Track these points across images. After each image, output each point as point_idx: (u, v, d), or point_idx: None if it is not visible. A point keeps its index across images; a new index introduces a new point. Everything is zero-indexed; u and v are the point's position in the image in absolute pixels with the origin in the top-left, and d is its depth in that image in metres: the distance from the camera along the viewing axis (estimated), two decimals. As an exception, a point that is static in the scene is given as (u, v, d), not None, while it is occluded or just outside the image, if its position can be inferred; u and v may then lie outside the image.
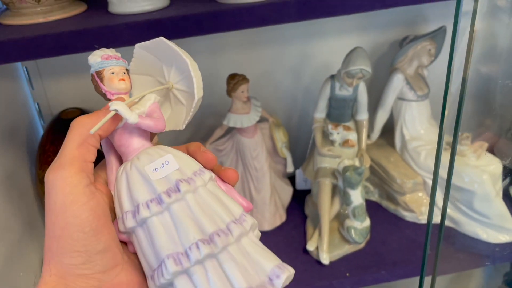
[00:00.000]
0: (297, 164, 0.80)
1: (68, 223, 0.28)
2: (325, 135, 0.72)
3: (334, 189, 0.71)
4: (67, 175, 0.28)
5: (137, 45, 0.35)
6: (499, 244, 0.69)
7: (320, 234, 0.69)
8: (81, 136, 0.30)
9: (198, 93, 0.33)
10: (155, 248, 0.29)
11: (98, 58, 0.32)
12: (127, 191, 0.31)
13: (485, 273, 1.04)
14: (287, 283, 0.28)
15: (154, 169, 0.30)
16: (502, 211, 0.68)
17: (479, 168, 0.69)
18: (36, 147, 0.72)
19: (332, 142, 0.71)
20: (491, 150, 0.74)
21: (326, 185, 0.70)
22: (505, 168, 0.72)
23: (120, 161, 0.34)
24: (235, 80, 0.67)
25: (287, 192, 0.79)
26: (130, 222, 0.30)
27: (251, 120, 0.69)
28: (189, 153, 0.33)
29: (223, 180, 0.33)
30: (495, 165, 0.69)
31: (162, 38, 0.33)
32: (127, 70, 0.33)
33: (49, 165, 0.67)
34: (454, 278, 1.05)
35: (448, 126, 0.84)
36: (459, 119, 0.40)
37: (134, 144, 0.32)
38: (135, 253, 0.32)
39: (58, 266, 0.28)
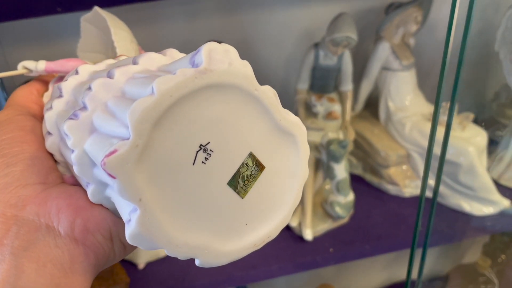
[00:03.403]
0: (278, 137, 0.77)
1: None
2: (308, 107, 0.69)
3: (317, 163, 0.69)
4: (3, 110, 0.26)
5: (82, 18, 0.33)
6: (483, 216, 0.68)
7: (302, 210, 0.67)
8: (19, 91, 0.28)
9: (118, 46, 0.31)
10: (61, 129, 0.22)
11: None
12: None
13: (464, 244, 1.05)
14: (221, 57, 0.19)
15: (64, 80, 0.27)
16: (487, 183, 0.67)
17: (464, 140, 0.67)
18: (-1, 121, 0.67)
19: (315, 115, 0.68)
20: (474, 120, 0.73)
21: (309, 159, 0.67)
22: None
23: None
24: (213, 48, 0.62)
25: (268, 167, 0.77)
26: (47, 141, 0.24)
27: (230, 91, 0.65)
28: None
29: None
30: (481, 137, 0.68)
31: (95, 7, 0.31)
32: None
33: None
34: (434, 251, 1.06)
35: (434, 97, 0.82)
36: (456, 89, 0.37)
37: None
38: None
39: None
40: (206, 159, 0.19)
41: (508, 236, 0.95)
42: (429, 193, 0.73)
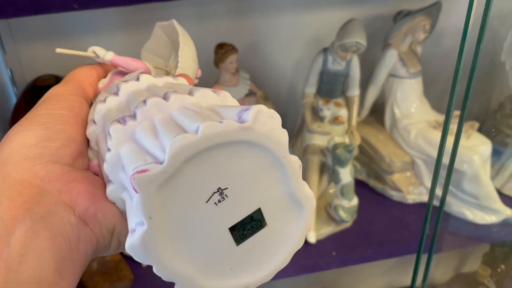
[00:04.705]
0: (284, 140, 0.78)
1: (44, 101, 0.26)
2: (315, 111, 0.70)
3: (322, 166, 0.69)
4: (60, 85, 0.28)
5: (143, 49, 0.35)
6: (485, 225, 0.69)
7: (307, 212, 0.68)
8: (80, 70, 0.30)
9: (184, 44, 0.32)
10: (106, 124, 0.24)
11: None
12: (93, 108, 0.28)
13: (464, 253, 1.05)
14: (268, 124, 0.20)
15: (124, 81, 0.28)
16: (490, 192, 0.67)
17: (469, 148, 0.68)
18: (8, 116, 0.67)
19: (321, 119, 0.68)
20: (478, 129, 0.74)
21: (314, 162, 0.68)
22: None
23: None
24: (223, 49, 0.63)
25: (273, 169, 0.77)
26: (89, 128, 0.26)
27: (239, 93, 0.66)
28: None
29: None
30: (485, 146, 0.69)
31: (173, 20, 0.33)
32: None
33: (23, 135, 0.63)
34: (434, 259, 1.06)
35: (440, 105, 0.83)
36: (467, 98, 0.38)
37: None
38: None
39: (5, 148, 0.23)
40: (219, 201, 0.20)
41: (508, 247, 0.96)
42: (435, 201, 0.73)
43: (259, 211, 0.21)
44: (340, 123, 0.68)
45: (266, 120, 0.20)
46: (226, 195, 0.20)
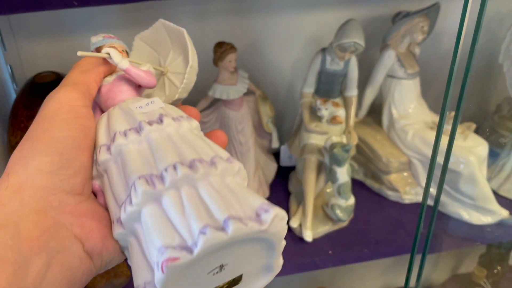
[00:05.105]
0: (281, 140, 0.78)
1: (54, 126, 0.25)
2: (313, 110, 0.70)
3: (320, 166, 0.70)
4: (68, 91, 0.27)
5: (137, 37, 0.35)
6: (481, 226, 0.69)
7: (303, 211, 0.68)
8: (88, 66, 0.29)
9: (193, 61, 0.33)
10: (127, 174, 0.25)
11: (100, 37, 0.32)
12: (105, 127, 0.28)
13: (460, 254, 1.06)
14: (279, 225, 0.23)
15: (138, 106, 0.28)
16: (486, 193, 0.68)
17: (466, 149, 0.68)
18: (8, 112, 0.67)
19: (319, 118, 0.69)
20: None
21: (312, 161, 0.68)
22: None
23: None
24: (222, 48, 0.64)
25: (271, 168, 0.78)
26: (103, 155, 0.26)
27: (238, 92, 0.66)
28: None
29: None
30: (482, 147, 0.69)
31: (161, 20, 0.33)
32: (127, 52, 0.33)
33: (22, 130, 0.63)
34: (430, 260, 1.06)
35: (437, 106, 0.83)
36: (462, 99, 0.38)
37: (122, 96, 0.31)
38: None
39: (20, 172, 0.24)
40: (217, 273, 0.23)
41: (504, 248, 0.96)
42: (428, 200, 0.74)
43: (241, 276, 0.25)
44: (338, 123, 0.68)
45: (278, 223, 0.23)
46: (224, 268, 0.24)
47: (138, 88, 0.32)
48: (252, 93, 0.73)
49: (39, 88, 0.65)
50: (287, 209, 0.73)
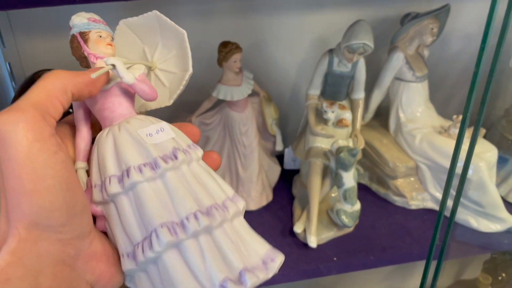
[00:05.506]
0: (285, 142, 0.77)
1: (40, 175, 0.23)
2: (319, 113, 0.68)
3: (325, 169, 0.68)
4: (29, 118, 0.23)
5: (122, 21, 0.33)
6: (490, 233, 0.68)
7: (308, 216, 0.66)
8: (53, 86, 0.25)
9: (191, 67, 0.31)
10: (145, 216, 0.25)
11: (85, 19, 0.30)
12: (113, 153, 0.27)
13: (465, 260, 1.04)
14: (279, 266, 0.27)
15: (148, 134, 0.27)
16: (495, 200, 0.66)
17: (475, 155, 0.66)
18: (6, 110, 0.66)
19: (325, 121, 0.67)
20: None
21: (317, 165, 0.67)
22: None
23: (91, 132, 0.30)
24: (227, 48, 0.62)
25: (274, 171, 0.76)
26: (114, 188, 0.26)
27: (242, 93, 0.65)
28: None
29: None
30: (491, 152, 0.67)
31: (156, 12, 0.31)
32: (112, 38, 0.31)
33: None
34: (434, 264, 1.05)
35: (444, 110, 0.82)
36: (485, 103, 0.36)
37: (122, 109, 0.29)
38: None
39: (31, 228, 0.23)
40: None
41: (510, 255, 0.94)
42: (435, 206, 0.72)
43: None
44: (344, 126, 0.66)
45: (279, 266, 0.27)
46: None
47: (134, 95, 0.31)
48: (256, 94, 0.71)
49: (38, 86, 0.63)
50: (290, 213, 0.72)
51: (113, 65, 0.28)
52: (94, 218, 0.28)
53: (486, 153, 0.67)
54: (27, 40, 0.68)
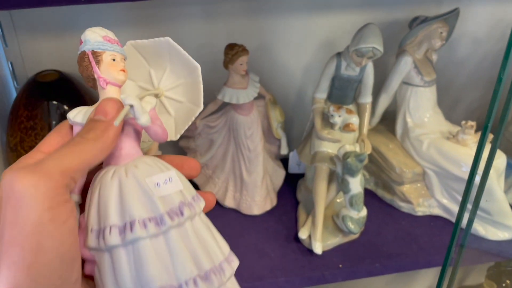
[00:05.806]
0: (290, 146, 0.75)
1: (43, 247, 0.21)
2: (325, 117, 0.67)
3: (331, 175, 0.67)
4: (53, 186, 0.22)
5: (130, 43, 0.30)
6: (497, 241, 0.67)
7: (313, 222, 0.65)
8: (90, 156, 0.25)
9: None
10: (144, 277, 0.25)
11: (100, 37, 0.28)
12: (118, 201, 0.25)
13: (469, 266, 1.03)
14: None
15: (156, 184, 0.26)
16: (504, 208, 0.65)
17: (483, 161, 0.65)
18: (7, 111, 0.65)
19: (332, 125, 0.66)
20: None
21: (323, 170, 0.66)
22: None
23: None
24: (234, 50, 0.61)
25: (279, 175, 0.75)
26: (114, 240, 0.25)
27: (248, 96, 0.64)
28: (174, 161, 0.30)
29: None
30: (500, 159, 0.66)
31: (168, 38, 0.29)
32: (125, 60, 0.29)
33: (21, 131, 0.60)
34: (436, 271, 1.04)
35: (452, 115, 0.81)
36: (507, 111, 0.35)
37: (129, 148, 0.28)
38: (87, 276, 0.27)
39: None
40: None
41: (514, 261, 0.94)
42: (442, 213, 0.71)
43: None
44: (351, 131, 0.65)
45: None
46: None
47: (142, 132, 0.29)
48: (262, 97, 0.70)
49: (41, 87, 0.62)
50: (295, 219, 0.70)
51: (132, 106, 0.26)
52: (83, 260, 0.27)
53: (495, 160, 0.66)
54: (29, 39, 0.67)
